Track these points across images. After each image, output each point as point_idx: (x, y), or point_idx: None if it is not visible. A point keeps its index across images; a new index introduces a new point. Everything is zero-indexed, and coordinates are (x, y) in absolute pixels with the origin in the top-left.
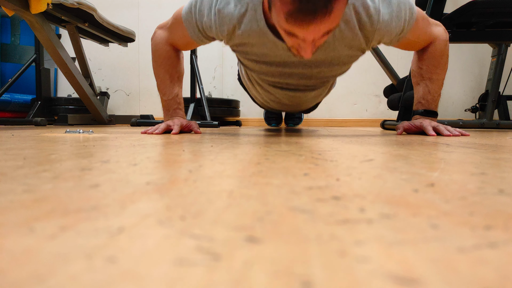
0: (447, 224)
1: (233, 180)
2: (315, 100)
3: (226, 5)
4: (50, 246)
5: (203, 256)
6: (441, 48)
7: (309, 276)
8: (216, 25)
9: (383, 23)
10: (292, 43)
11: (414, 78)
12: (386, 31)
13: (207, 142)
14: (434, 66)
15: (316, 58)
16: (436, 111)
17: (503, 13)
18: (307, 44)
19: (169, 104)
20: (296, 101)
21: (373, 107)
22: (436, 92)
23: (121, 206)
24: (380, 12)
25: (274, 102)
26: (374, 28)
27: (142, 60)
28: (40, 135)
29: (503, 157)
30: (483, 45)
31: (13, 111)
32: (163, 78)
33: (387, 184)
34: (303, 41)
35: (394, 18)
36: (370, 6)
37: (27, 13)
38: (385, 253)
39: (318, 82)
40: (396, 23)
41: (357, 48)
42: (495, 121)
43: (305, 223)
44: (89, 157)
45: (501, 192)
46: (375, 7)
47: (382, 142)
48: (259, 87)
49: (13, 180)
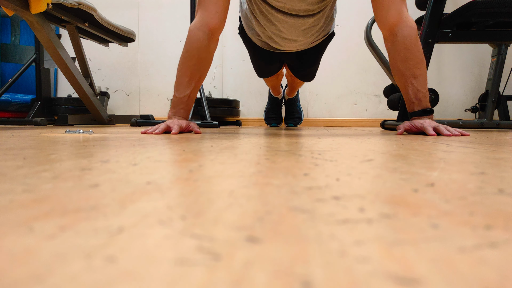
0: (447, 224)
1: (233, 180)
2: (313, 33)
3: None
4: (49, 246)
5: (204, 256)
6: (411, 35)
7: (309, 276)
8: None
9: None
10: None
11: (397, 78)
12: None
13: (207, 142)
14: (409, 59)
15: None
16: (432, 108)
17: (503, 13)
18: None
19: (177, 102)
20: (296, 33)
21: (373, 107)
22: (424, 88)
23: (121, 206)
24: None
25: (275, 35)
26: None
27: (142, 60)
28: (40, 135)
29: (503, 157)
30: (483, 45)
31: (13, 111)
32: (183, 75)
33: (387, 184)
34: None
35: None
36: None
37: (27, 13)
38: (385, 253)
39: (315, 8)
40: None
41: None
42: (495, 121)
43: (305, 223)
44: (89, 157)
45: (501, 191)
46: None
47: (382, 142)
48: (262, 17)
49: (12, 180)
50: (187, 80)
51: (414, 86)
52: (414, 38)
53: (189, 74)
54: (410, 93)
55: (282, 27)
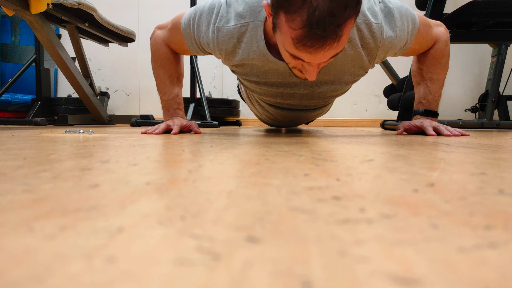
0: (447, 224)
1: (232, 180)
2: (314, 118)
3: (226, 24)
4: (49, 246)
5: (203, 256)
6: (441, 49)
7: (309, 276)
8: (214, 42)
9: (387, 40)
10: (295, 65)
11: (415, 78)
12: (390, 47)
13: (207, 142)
14: (435, 67)
15: (318, 78)
16: (436, 111)
17: (503, 13)
18: (312, 67)
19: (169, 104)
20: (296, 120)
21: (373, 107)
22: (437, 92)
23: (120, 206)
24: (383, 28)
25: (273, 120)
26: (377, 45)
27: (142, 60)
28: (40, 135)
29: (503, 157)
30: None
31: (13, 111)
32: (162, 78)
33: (387, 184)
34: (308, 64)
35: (398, 33)
36: (373, 23)
37: (27, 13)
38: (385, 253)
39: (319, 102)
40: (400, 37)
41: (360, 67)
42: (495, 121)
43: (305, 223)
44: (89, 157)
45: (501, 192)
46: (377, 23)
47: (382, 142)
48: (259, 106)
49: (13, 180)
50: (169, 82)
51: (428, 88)
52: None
53: (167, 76)
54: (422, 92)
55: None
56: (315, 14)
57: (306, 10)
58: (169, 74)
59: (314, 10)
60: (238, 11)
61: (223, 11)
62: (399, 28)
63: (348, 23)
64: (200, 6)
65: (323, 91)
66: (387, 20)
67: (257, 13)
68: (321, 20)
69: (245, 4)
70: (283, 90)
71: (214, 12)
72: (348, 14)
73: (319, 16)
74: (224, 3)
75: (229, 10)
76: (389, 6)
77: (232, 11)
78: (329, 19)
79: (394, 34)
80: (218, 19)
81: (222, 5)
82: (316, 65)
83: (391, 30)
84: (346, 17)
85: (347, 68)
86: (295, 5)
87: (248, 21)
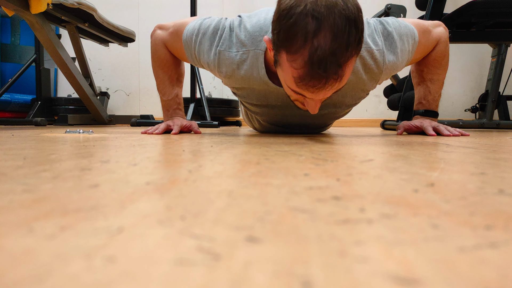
0: (447, 224)
1: (233, 180)
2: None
3: (228, 48)
4: (49, 246)
5: (203, 256)
6: (442, 50)
7: (309, 276)
8: (215, 64)
9: (389, 63)
10: (297, 98)
11: (415, 78)
12: (393, 69)
13: (207, 142)
14: (435, 67)
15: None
16: (436, 111)
17: (503, 13)
18: (314, 102)
19: (168, 104)
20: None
21: (373, 107)
22: (437, 92)
23: (120, 206)
24: (385, 53)
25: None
26: (380, 70)
27: (142, 60)
28: (40, 135)
29: (503, 157)
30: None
31: (13, 111)
32: (162, 79)
33: (387, 184)
34: (310, 99)
35: (399, 54)
36: (374, 50)
37: (27, 13)
38: (385, 253)
39: (320, 123)
40: (402, 58)
41: (362, 90)
42: (495, 121)
43: (305, 223)
44: (89, 157)
45: (501, 192)
46: (379, 49)
47: (382, 142)
48: (258, 124)
49: (12, 180)
50: (169, 82)
51: (428, 88)
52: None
53: (167, 76)
54: (422, 93)
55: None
56: (317, 54)
57: (307, 50)
58: (169, 75)
59: (316, 50)
60: (240, 39)
61: (226, 35)
62: (400, 50)
63: (350, 62)
64: (204, 24)
65: (325, 114)
66: (388, 44)
67: (258, 42)
68: (322, 60)
69: (247, 32)
70: (283, 112)
71: (218, 35)
72: (350, 53)
73: (321, 56)
74: (228, 27)
75: (232, 35)
76: (389, 29)
77: (234, 37)
78: (331, 59)
79: (396, 58)
80: (221, 42)
81: (226, 29)
82: (318, 100)
83: (393, 54)
84: (348, 57)
85: (349, 92)
86: (297, 45)
87: (249, 49)
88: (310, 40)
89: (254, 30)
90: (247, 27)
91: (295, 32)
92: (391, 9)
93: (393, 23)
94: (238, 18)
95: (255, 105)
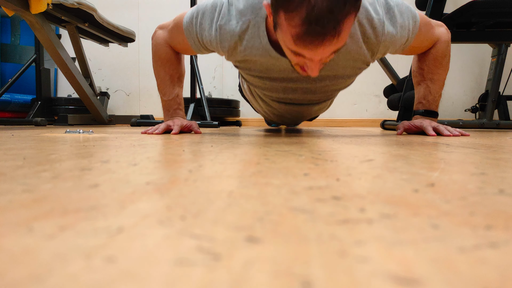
0: (448, 224)
1: (233, 180)
2: (317, 113)
3: (228, 22)
4: (49, 246)
5: (203, 256)
6: (443, 49)
7: (309, 276)
8: (217, 40)
9: (388, 35)
10: (298, 61)
11: (415, 78)
12: (391, 43)
13: (207, 142)
14: (436, 67)
15: (320, 73)
16: (436, 111)
17: (503, 13)
18: (314, 63)
19: (169, 104)
20: (299, 115)
21: (373, 107)
22: (437, 92)
23: (120, 206)
24: (385, 24)
25: (277, 115)
26: (379, 40)
27: (142, 60)
28: (40, 135)
29: (503, 157)
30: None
31: (13, 111)
32: (163, 79)
33: (387, 184)
34: (310, 60)
35: (399, 29)
36: (374, 18)
37: (27, 13)
38: (385, 253)
39: (322, 96)
40: (401, 33)
41: (362, 61)
42: (495, 121)
43: (305, 223)
44: (89, 157)
45: (501, 192)
46: (379, 19)
47: (382, 142)
48: (262, 102)
49: (12, 180)
50: (169, 82)
51: (428, 88)
52: (444, 50)
53: (168, 76)
54: (422, 92)
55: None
56: (314, 11)
57: (304, 8)
58: (169, 74)
59: (313, 8)
60: (239, 9)
61: (225, 9)
62: (400, 25)
63: (348, 19)
64: (202, 5)
65: (326, 85)
66: (388, 16)
67: (258, 10)
68: (319, 17)
69: (246, 1)
70: (286, 85)
71: (217, 10)
72: (347, 10)
73: (318, 13)
74: (226, 1)
75: (231, 8)
76: (390, 3)
77: (233, 9)
78: (328, 15)
79: (395, 31)
80: (220, 17)
81: (224, 3)
82: (318, 61)
83: (392, 26)
84: (345, 14)
85: (349, 63)
86: (294, 3)
87: (250, 18)
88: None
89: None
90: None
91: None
92: None
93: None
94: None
95: (258, 77)
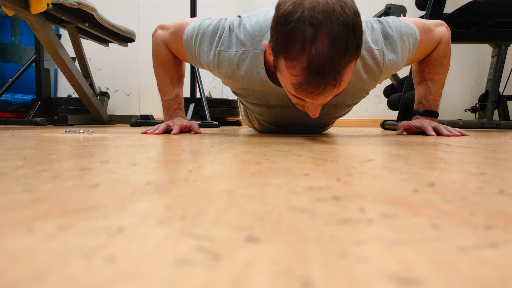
0: (448, 224)
1: (233, 180)
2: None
3: (228, 49)
4: (49, 246)
5: (203, 256)
6: (444, 50)
7: (309, 276)
8: (214, 64)
9: (390, 62)
10: (298, 102)
11: (416, 78)
12: (393, 68)
13: (207, 142)
14: (437, 67)
15: None
16: (436, 111)
17: (503, 13)
18: (314, 106)
19: (169, 104)
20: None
21: (373, 107)
22: (437, 92)
23: (120, 206)
24: (385, 52)
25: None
26: (381, 69)
27: (142, 60)
28: (40, 135)
29: (503, 157)
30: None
31: (13, 111)
32: (163, 78)
33: (387, 184)
34: (310, 104)
35: (400, 53)
36: (374, 49)
37: (27, 13)
38: (385, 253)
39: (320, 122)
40: (402, 56)
41: (362, 89)
42: (495, 121)
43: (305, 223)
44: (89, 157)
45: (501, 192)
46: (379, 49)
47: (382, 142)
48: (259, 124)
49: (12, 180)
50: (170, 82)
51: (428, 88)
52: (445, 50)
53: (168, 76)
54: (422, 92)
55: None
56: (315, 61)
57: (305, 57)
58: (170, 75)
59: (314, 57)
60: (240, 39)
61: (226, 35)
62: (401, 48)
63: (349, 68)
64: (204, 24)
65: (325, 113)
66: (388, 43)
67: (257, 42)
68: (320, 67)
69: (246, 32)
70: (283, 111)
71: (217, 35)
72: (348, 59)
73: (319, 63)
74: (227, 27)
75: (231, 35)
76: (388, 28)
77: (234, 37)
78: (329, 65)
79: (396, 57)
80: (220, 42)
81: (225, 29)
82: (318, 104)
83: (393, 53)
84: (346, 63)
85: (349, 92)
86: (294, 52)
87: (249, 49)
88: (307, 47)
89: (253, 30)
90: (246, 27)
91: (293, 39)
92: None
93: (394, 22)
94: (237, 18)
95: (255, 104)
